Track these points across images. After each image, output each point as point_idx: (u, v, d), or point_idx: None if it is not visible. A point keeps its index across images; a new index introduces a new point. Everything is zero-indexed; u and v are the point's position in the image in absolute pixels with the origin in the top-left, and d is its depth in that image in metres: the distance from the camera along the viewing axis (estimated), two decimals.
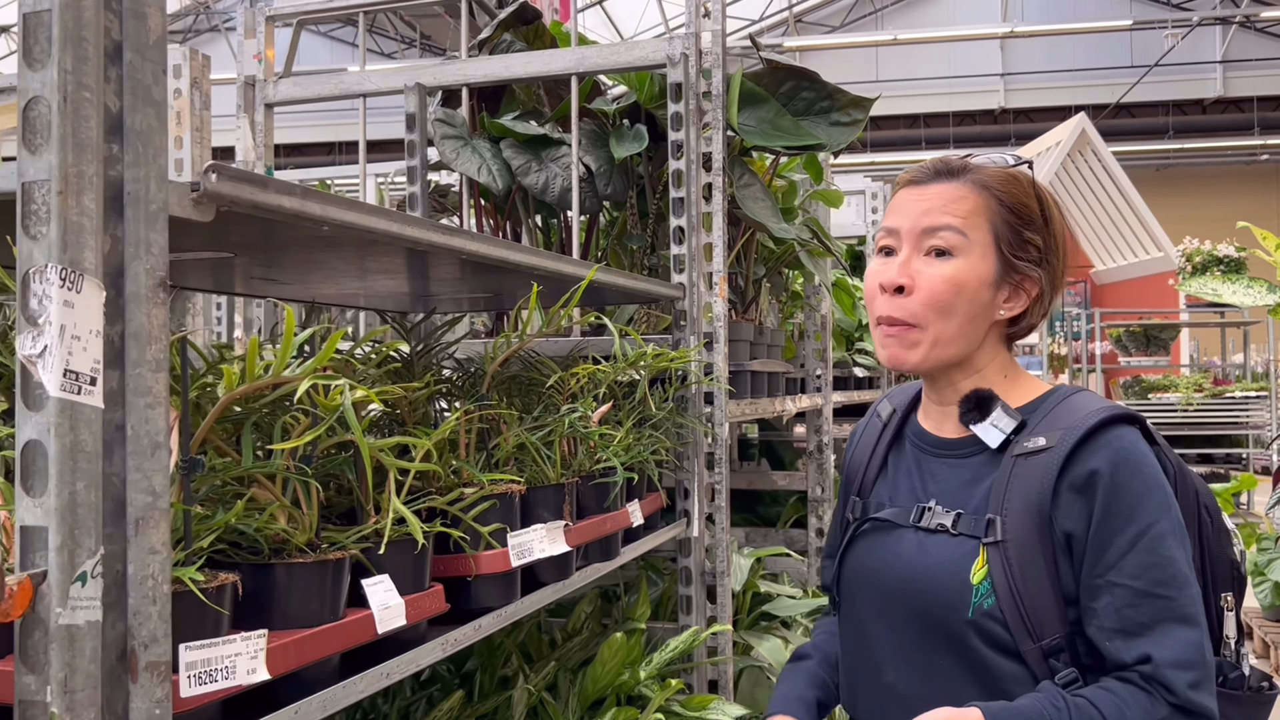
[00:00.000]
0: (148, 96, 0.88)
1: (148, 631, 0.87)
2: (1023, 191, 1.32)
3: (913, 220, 1.30)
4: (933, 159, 1.36)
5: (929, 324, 1.28)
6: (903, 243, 1.31)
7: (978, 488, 1.28)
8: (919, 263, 1.29)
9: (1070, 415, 1.25)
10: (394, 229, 1.24)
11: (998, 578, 1.21)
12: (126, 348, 0.87)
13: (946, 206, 1.29)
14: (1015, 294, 1.31)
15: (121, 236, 0.87)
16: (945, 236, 1.28)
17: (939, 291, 1.27)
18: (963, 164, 1.33)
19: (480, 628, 1.43)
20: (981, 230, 1.29)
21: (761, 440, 4.89)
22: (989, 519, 1.23)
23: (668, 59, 2.37)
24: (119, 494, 0.87)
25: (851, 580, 1.38)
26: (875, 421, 1.46)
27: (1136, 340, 11.40)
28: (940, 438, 1.36)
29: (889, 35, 18.07)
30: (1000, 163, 1.35)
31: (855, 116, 2.46)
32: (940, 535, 1.27)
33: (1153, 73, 18.22)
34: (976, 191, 1.30)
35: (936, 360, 1.30)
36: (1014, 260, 1.29)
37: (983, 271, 1.28)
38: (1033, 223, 1.31)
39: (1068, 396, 1.31)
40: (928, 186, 1.32)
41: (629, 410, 1.92)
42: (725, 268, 2.42)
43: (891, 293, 1.30)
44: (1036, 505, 1.21)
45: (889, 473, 1.40)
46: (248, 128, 2.77)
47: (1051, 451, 1.22)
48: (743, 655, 2.65)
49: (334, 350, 0.97)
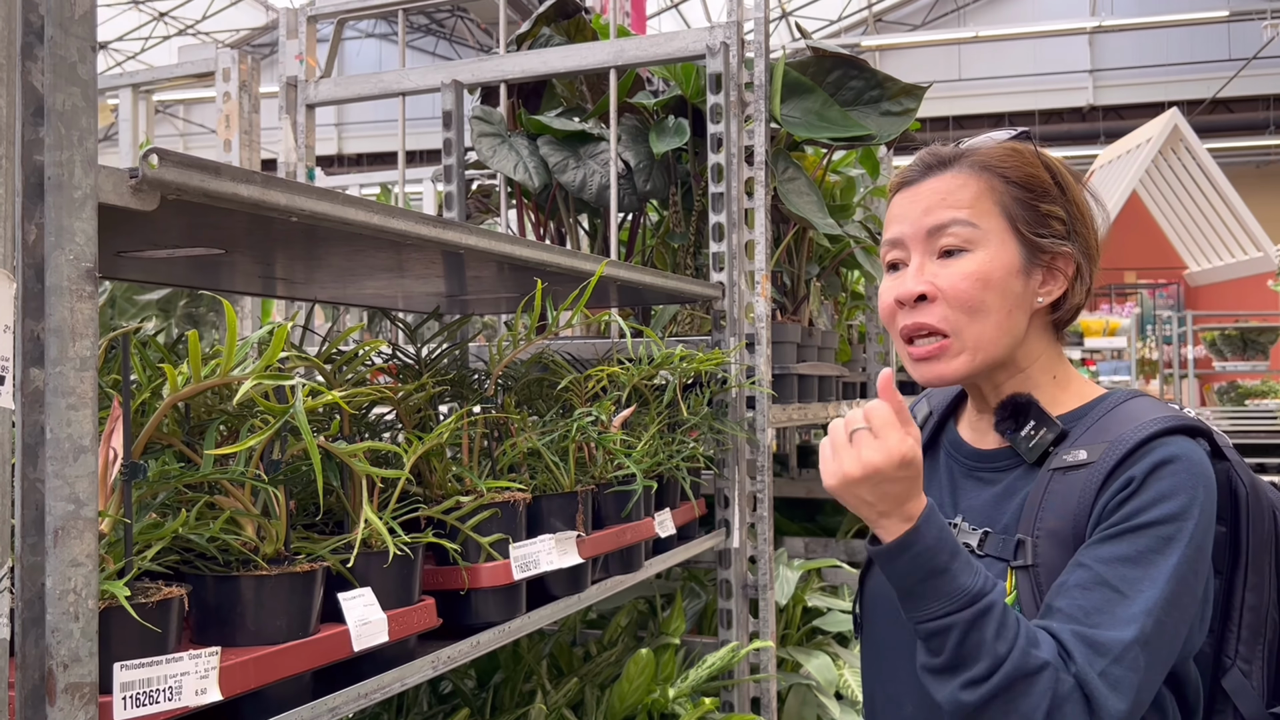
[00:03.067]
0: (72, 75, 0.82)
1: (68, 650, 0.81)
2: (1027, 163, 1.18)
3: (914, 223, 1.18)
4: (920, 152, 1.23)
5: (963, 329, 1.14)
6: (910, 251, 1.18)
7: (1009, 503, 1.15)
8: (934, 266, 1.16)
9: (1119, 425, 1.11)
10: (374, 220, 1.17)
11: (1027, 605, 1.08)
12: (47, 344, 0.81)
13: (947, 199, 1.16)
14: (1050, 276, 1.17)
15: (44, 225, 0.81)
16: (955, 232, 1.15)
17: (964, 290, 1.14)
18: (954, 151, 1.20)
19: (478, 644, 1.35)
20: (992, 215, 1.15)
21: None
22: (1019, 540, 1.10)
23: (707, 49, 2.28)
24: (42, 502, 0.81)
25: (871, 604, 1.26)
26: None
27: (1232, 344, 10.89)
28: (976, 449, 1.23)
29: (970, 33, 17.65)
30: (998, 137, 1.21)
31: (907, 105, 2.33)
32: None
33: (1251, 65, 17.47)
34: (976, 175, 1.17)
35: (981, 366, 1.16)
36: (1037, 239, 1.16)
37: (1006, 259, 1.15)
38: (1047, 194, 1.17)
39: (1121, 403, 1.16)
40: (922, 184, 1.19)
41: (656, 414, 1.82)
42: (769, 266, 2.31)
43: (912, 304, 1.17)
44: (1072, 527, 1.08)
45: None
46: (289, 128, 2.75)
47: (1092, 467, 1.08)
48: (791, 672, 2.53)
49: (281, 348, 0.90)
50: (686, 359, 1.84)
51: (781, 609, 2.65)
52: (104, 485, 0.94)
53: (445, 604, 1.31)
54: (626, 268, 1.78)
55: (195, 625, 1.04)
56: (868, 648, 1.28)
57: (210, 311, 3.17)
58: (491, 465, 1.46)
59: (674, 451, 1.82)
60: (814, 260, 2.91)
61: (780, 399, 2.45)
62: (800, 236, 2.78)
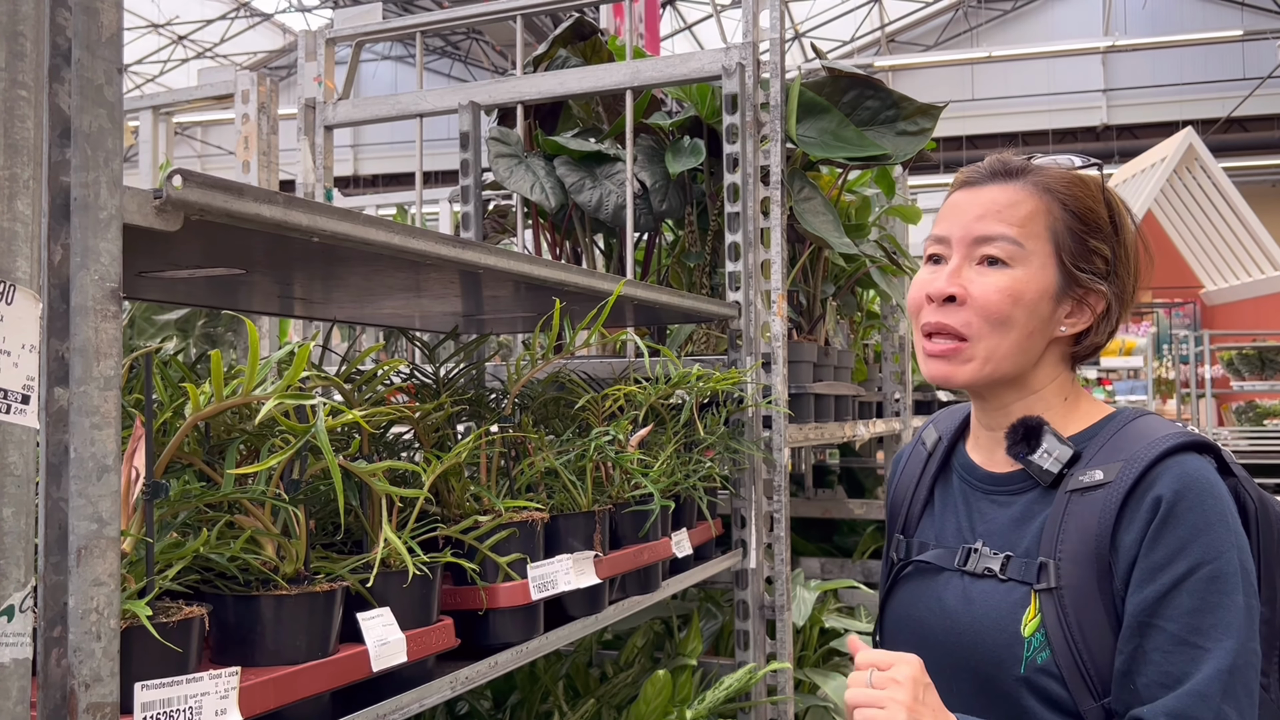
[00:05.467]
0: (99, 97, 0.83)
1: (89, 670, 0.81)
2: (1089, 196, 1.19)
3: (964, 227, 1.18)
4: (991, 157, 1.24)
5: (981, 337, 1.16)
6: (953, 251, 1.19)
7: (1028, 527, 1.14)
8: (971, 272, 1.17)
9: (1131, 444, 1.11)
10: (395, 240, 1.17)
11: (1052, 629, 1.07)
12: (71, 364, 0.81)
13: (1002, 212, 1.17)
14: (1078, 309, 1.18)
15: (70, 245, 0.82)
16: (1000, 246, 1.16)
17: (993, 302, 1.15)
18: (1023, 164, 1.20)
19: (496, 665, 1.34)
20: (1040, 239, 1.16)
21: (842, 467, 4.73)
22: (1041, 563, 1.10)
23: (723, 70, 2.29)
24: (65, 521, 0.81)
25: (894, 630, 1.25)
26: (920, 450, 1.34)
27: (1250, 364, 10.82)
28: (990, 472, 1.23)
29: (984, 53, 17.66)
30: (1066, 164, 1.21)
31: (923, 125, 2.33)
32: (987, 581, 1.14)
33: (1266, 85, 17.43)
34: (1037, 195, 1.17)
35: (988, 378, 1.17)
36: (1077, 272, 1.16)
37: (1042, 283, 1.15)
38: (1099, 230, 1.18)
39: (1129, 421, 1.16)
40: (983, 189, 1.20)
41: (673, 434, 1.82)
42: (785, 285, 2.31)
43: (940, 303, 1.18)
44: (1094, 548, 1.07)
45: (935, 509, 1.27)
46: (308, 149, 2.76)
47: (1110, 487, 1.08)
48: (807, 694, 2.51)
49: (303, 368, 0.90)
50: (703, 378, 1.84)
51: (798, 630, 2.63)
52: (126, 504, 0.95)
53: (463, 624, 1.31)
54: (643, 287, 1.78)
55: (215, 645, 1.04)
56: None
57: (228, 331, 3.18)
58: (509, 485, 1.45)
59: (691, 471, 1.82)
60: (830, 279, 2.91)
61: (797, 418, 2.44)
62: (816, 256, 2.78)
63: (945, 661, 1.16)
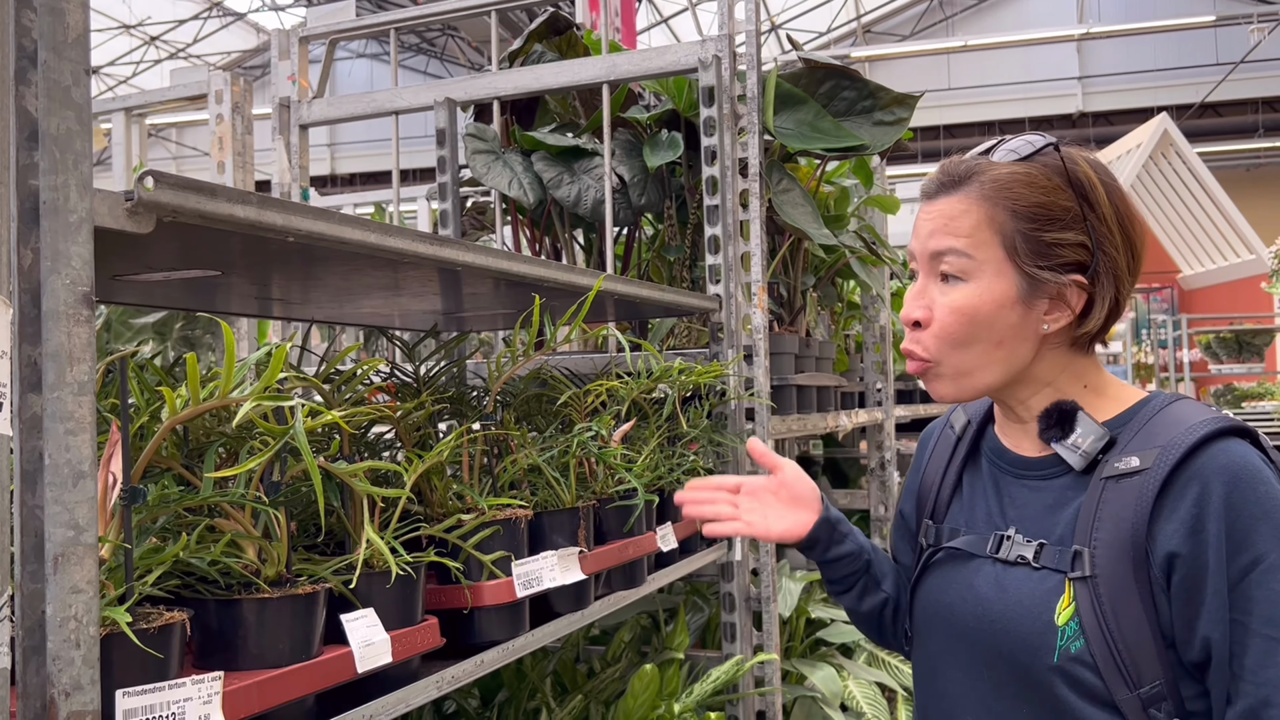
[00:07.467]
0: (66, 99, 0.82)
1: (69, 678, 0.80)
2: (1037, 189, 1.13)
3: (922, 243, 1.18)
4: (941, 164, 1.21)
5: (944, 358, 1.15)
6: (920, 267, 1.19)
7: (1061, 514, 1.13)
8: (935, 290, 1.16)
9: (1168, 429, 1.09)
10: (372, 239, 1.16)
11: (1086, 617, 1.06)
12: (44, 369, 0.80)
13: (949, 225, 1.15)
14: (1056, 305, 1.14)
15: (40, 249, 0.81)
16: (950, 261, 1.14)
17: (948, 325, 1.14)
18: (969, 168, 1.16)
19: (482, 663, 1.34)
20: (990, 246, 1.13)
21: (826, 458, 4.74)
22: (1075, 551, 1.08)
23: (700, 62, 2.28)
24: (41, 528, 0.81)
25: (924, 618, 1.24)
26: (949, 434, 1.32)
27: (1228, 347, 10.92)
28: (1019, 455, 1.21)
29: (959, 42, 17.71)
30: (1020, 151, 1.16)
31: (899, 115, 2.34)
32: (1020, 568, 1.12)
33: (1239, 69, 17.54)
34: (979, 202, 1.14)
35: (972, 388, 1.16)
36: (1037, 271, 1.12)
37: (999, 291, 1.13)
38: (1057, 221, 1.12)
39: (1165, 406, 1.13)
40: (935, 201, 1.17)
41: (656, 428, 1.82)
42: (765, 278, 2.31)
43: (910, 327, 1.18)
44: (1130, 536, 1.06)
45: (964, 494, 1.25)
46: (283, 149, 2.75)
47: (1147, 474, 1.06)
48: (795, 685, 2.52)
49: (280, 369, 0.89)
50: (685, 372, 1.84)
51: (785, 621, 2.64)
52: (103, 510, 0.94)
53: (448, 623, 1.30)
54: (624, 282, 1.78)
55: (197, 650, 1.03)
56: (920, 660, 1.26)
57: (206, 334, 3.16)
58: (492, 482, 1.45)
59: (674, 465, 1.82)
60: (810, 271, 2.91)
61: (779, 410, 2.45)
62: (796, 248, 2.78)
63: (978, 649, 1.15)
